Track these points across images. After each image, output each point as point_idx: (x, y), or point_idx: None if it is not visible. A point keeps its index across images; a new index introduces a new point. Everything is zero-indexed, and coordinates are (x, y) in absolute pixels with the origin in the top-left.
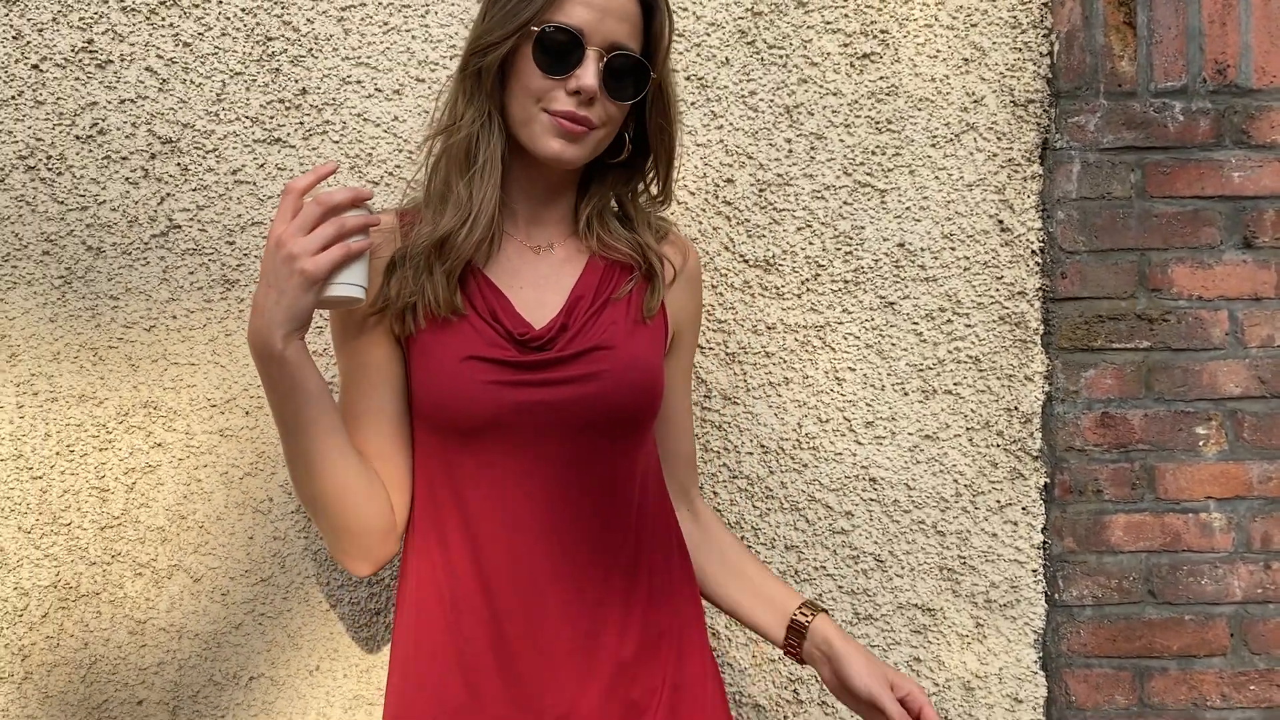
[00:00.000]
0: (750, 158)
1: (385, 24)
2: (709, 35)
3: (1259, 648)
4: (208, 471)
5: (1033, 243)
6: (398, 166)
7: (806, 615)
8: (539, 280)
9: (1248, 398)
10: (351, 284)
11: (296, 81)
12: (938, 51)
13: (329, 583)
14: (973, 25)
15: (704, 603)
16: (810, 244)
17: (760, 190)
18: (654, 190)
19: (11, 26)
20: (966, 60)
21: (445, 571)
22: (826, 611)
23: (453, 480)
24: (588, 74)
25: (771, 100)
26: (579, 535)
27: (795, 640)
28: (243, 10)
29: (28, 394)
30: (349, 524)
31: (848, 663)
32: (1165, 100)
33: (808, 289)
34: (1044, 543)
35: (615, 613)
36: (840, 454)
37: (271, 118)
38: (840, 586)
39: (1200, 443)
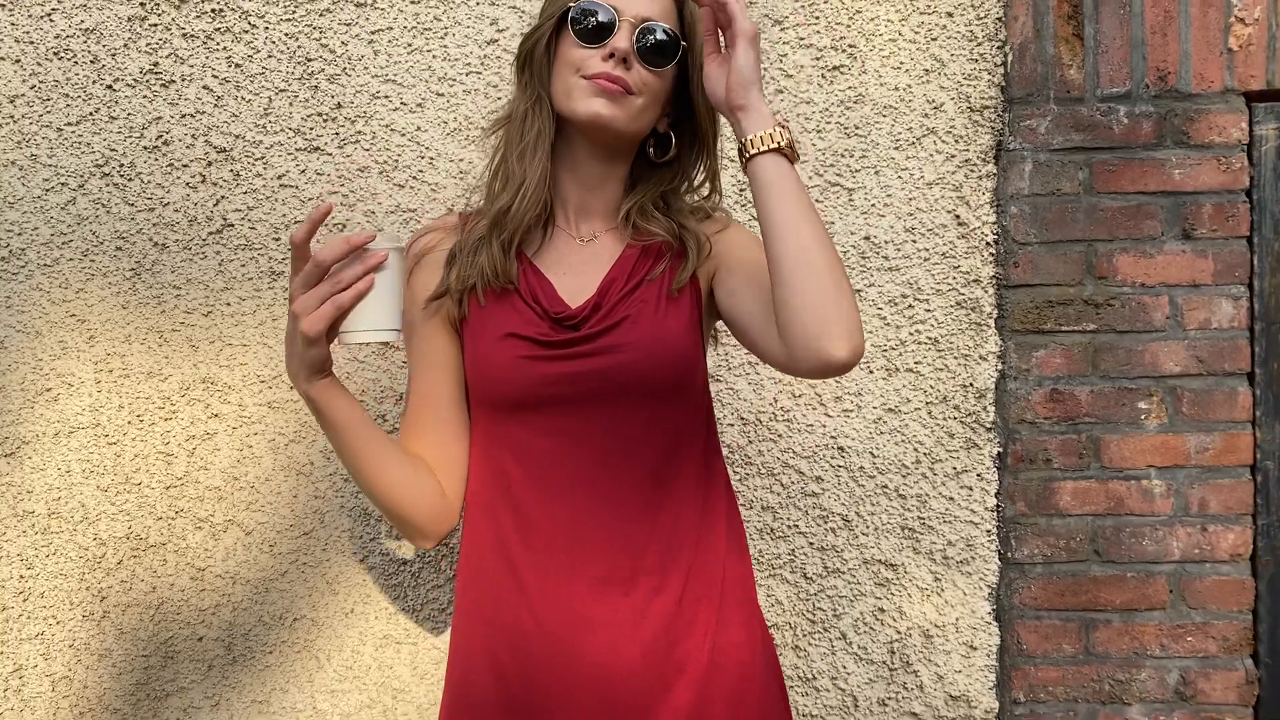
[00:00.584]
0: (732, 160)
1: (409, 45)
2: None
3: (1195, 603)
4: (258, 439)
5: (987, 235)
6: (420, 171)
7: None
8: (581, 267)
9: (1186, 375)
10: (370, 329)
11: (332, 97)
12: (901, 63)
13: (362, 536)
14: (933, 39)
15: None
16: None
17: (741, 190)
18: (704, 190)
19: (89, 52)
20: (927, 71)
21: (493, 539)
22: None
23: (501, 452)
24: (621, 39)
25: None
26: (616, 503)
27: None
28: (286, 35)
29: (104, 371)
30: (401, 514)
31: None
32: (1111, 104)
33: None
34: (997, 506)
35: (653, 579)
36: (811, 425)
37: (311, 129)
38: (811, 543)
39: (1142, 416)
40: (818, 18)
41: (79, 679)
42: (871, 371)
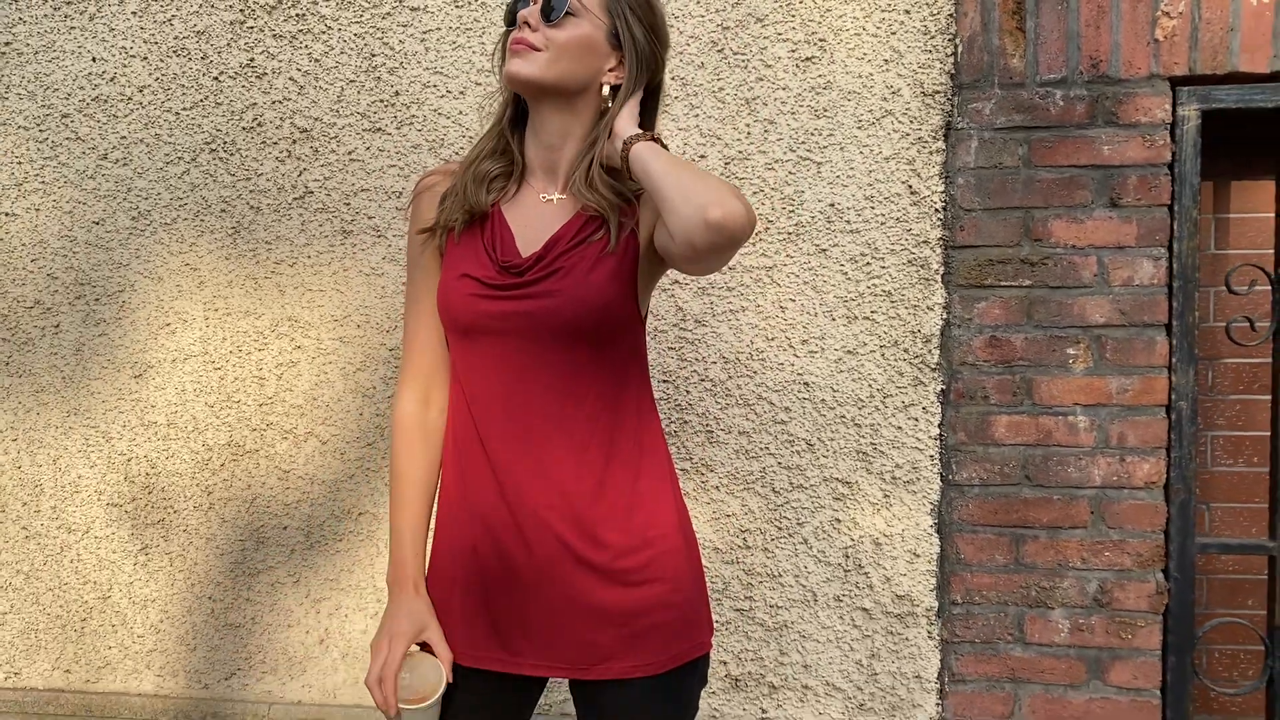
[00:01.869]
0: (719, 138)
1: (454, 43)
2: (689, 45)
3: (1113, 523)
4: (331, 367)
5: (936, 203)
6: (462, 148)
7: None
8: (539, 223)
9: (1110, 326)
10: None
11: (391, 86)
12: (864, 54)
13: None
14: (892, 33)
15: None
16: (762, 204)
17: (726, 163)
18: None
19: (200, 50)
20: (887, 61)
21: (459, 430)
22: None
23: (461, 367)
24: (526, 10)
25: (735, 94)
26: (545, 413)
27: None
28: (355, 35)
29: (211, 310)
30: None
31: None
32: (1048, 89)
33: (760, 239)
34: (940, 435)
35: (573, 472)
36: (782, 364)
37: (375, 113)
38: (780, 463)
39: (1070, 361)
40: (793, 15)
41: (190, 557)
42: (834, 319)
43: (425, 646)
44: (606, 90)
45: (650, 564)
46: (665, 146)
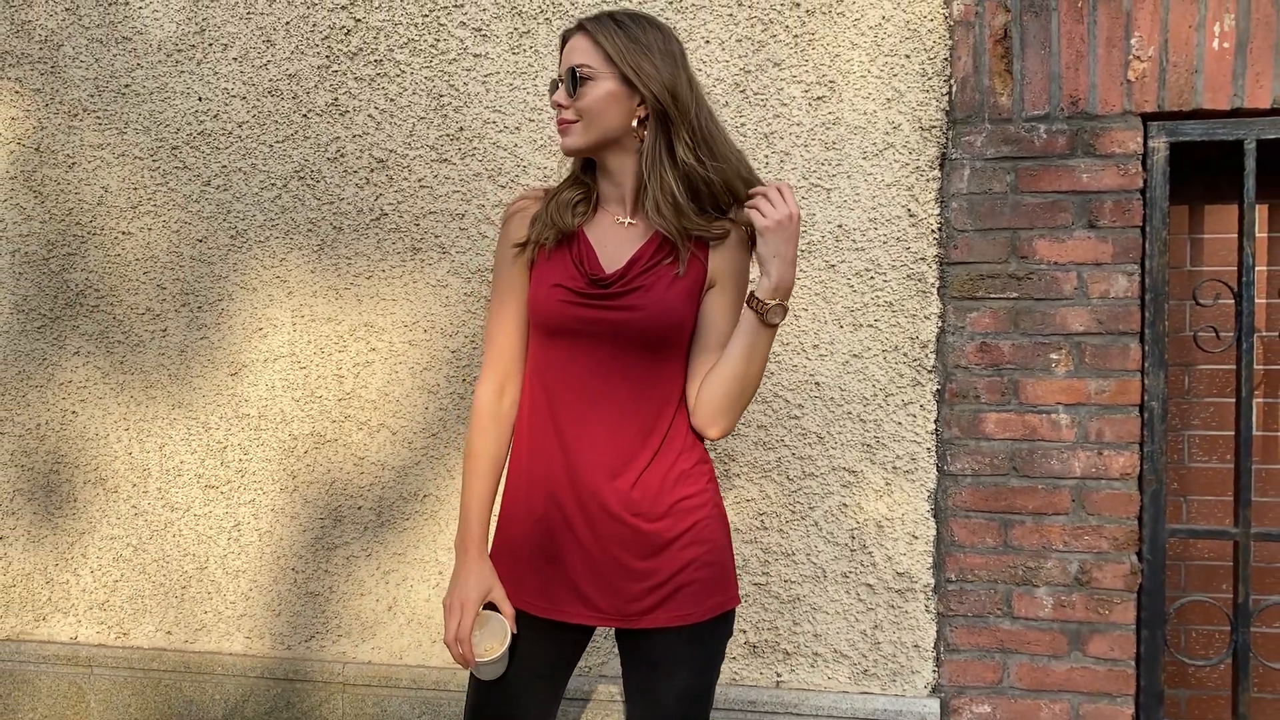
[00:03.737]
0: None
1: (511, 85)
2: (714, 87)
3: (1092, 510)
4: (402, 366)
5: (932, 224)
6: (517, 176)
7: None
8: (618, 243)
9: (1089, 334)
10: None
11: (456, 123)
12: (869, 94)
13: None
14: (894, 75)
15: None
16: None
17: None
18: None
19: (291, 91)
20: (889, 99)
21: (535, 415)
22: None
23: (543, 361)
24: (558, 93)
25: (755, 129)
26: (613, 403)
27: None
28: (425, 78)
29: (298, 317)
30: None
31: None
32: (1033, 124)
33: None
34: (936, 430)
35: (631, 453)
36: (796, 366)
37: (442, 145)
38: (793, 454)
39: (1053, 365)
40: (807, 60)
41: (277, 533)
42: (842, 326)
43: (492, 606)
44: (635, 123)
45: (690, 530)
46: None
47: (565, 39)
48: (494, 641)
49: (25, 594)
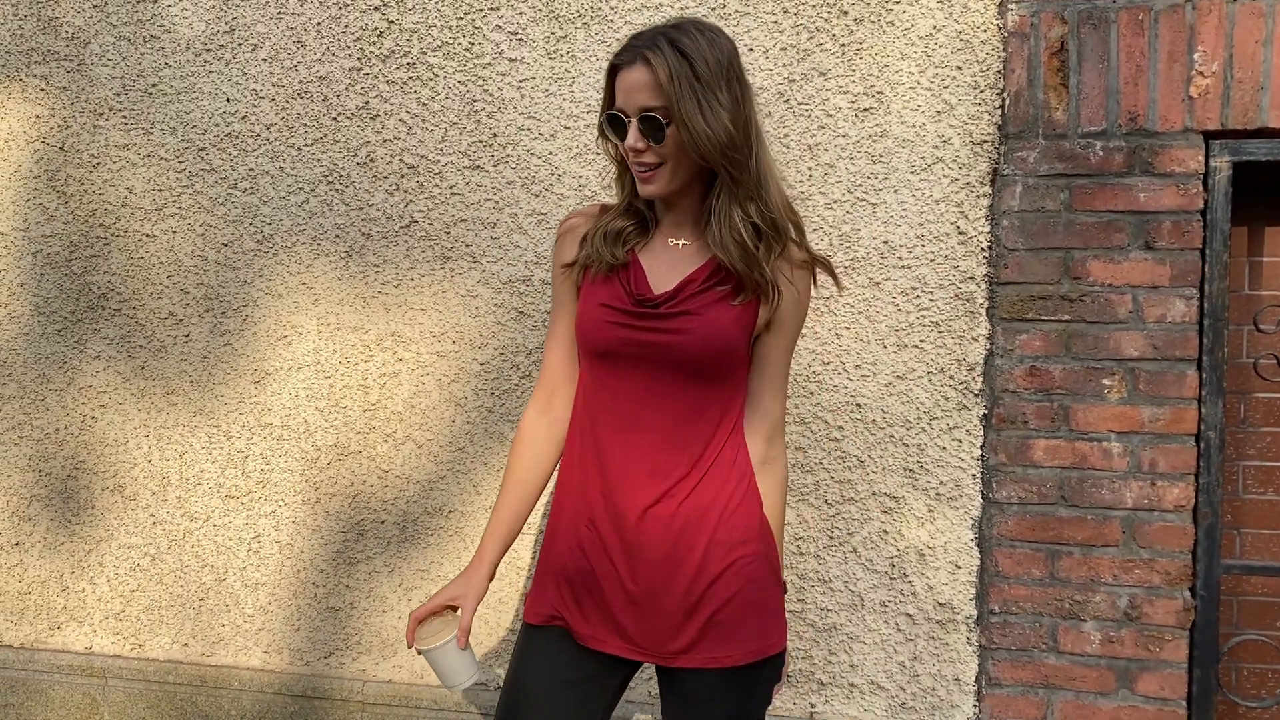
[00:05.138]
0: (782, 180)
1: (546, 90)
2: (757, 96)
3: (1144, 543)
4: (429, 378)
5: (982, 242)
6: (550, 185)
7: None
8: (671, 264)
9: (1144, 359)
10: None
11: (490, 129)
12: (918, 106)
13: (499, 452)
14: (944, 87)
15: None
16: (821, 241)
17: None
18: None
19: (321, 93)
20: (939, 112)
21: (580, 438)
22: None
23: (588, 384)
24: (631, 135)
25: (799, 141)
26: (657, 430)
27: None
28: (459, 82)
29: (323, 325)
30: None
31: None
32: (1089, 140)
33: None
34: (982, 456)
35: (673, 483)
36: (837, 386)
37: (475, 152)
38: (832, 477)
39: (1106, 390)
40: (854, 70)
41: (298, 546)
42: (885, 346)
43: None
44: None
45: (731, 567)
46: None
47: (618, 67)
48: (431, 639)
49: (40, 602)
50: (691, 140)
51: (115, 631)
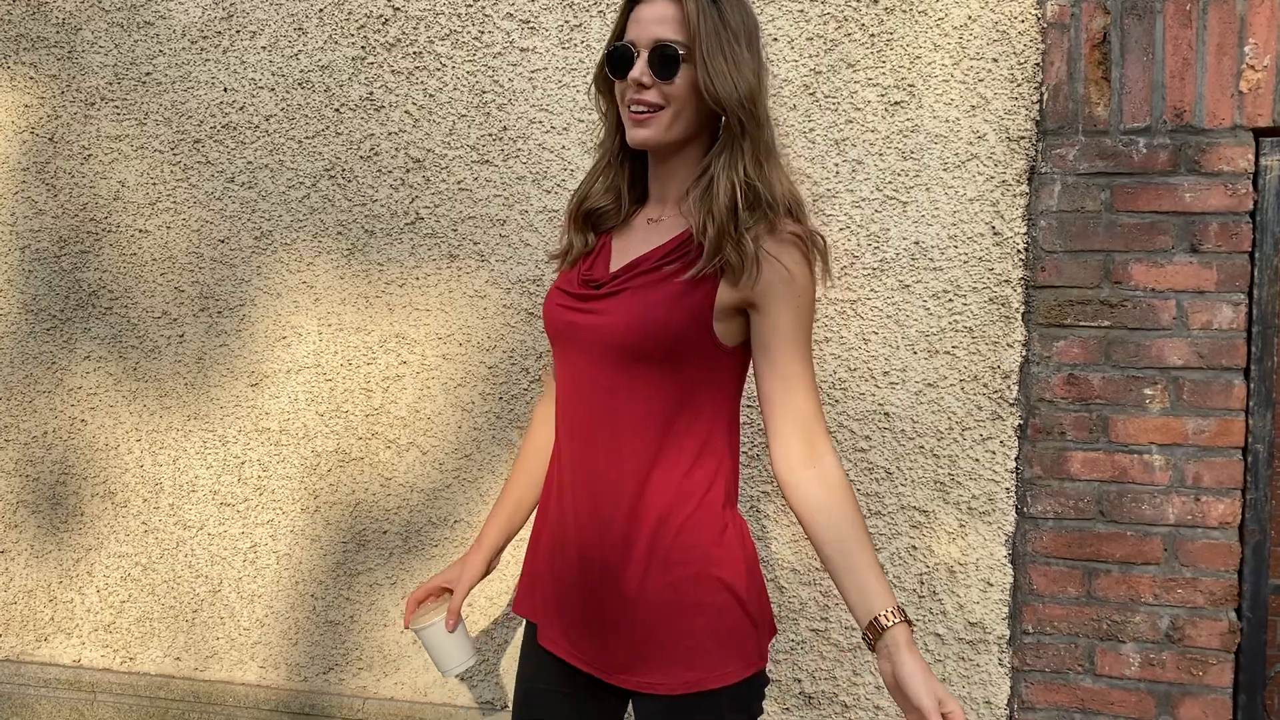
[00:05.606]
0: (808, 176)
1: (560, 82)
2: (782, 88)
3: (1186, 561)
4: (434, 381)
5: (1019, 244)
6: (563, 181)
7: (889, 620)
8: (640, 243)
9: (1188, 368)
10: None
11: (499, 122)
12: (952, 100)
13: (507, 460)
14: (979, 80)
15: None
16: (848, 240)
17: (814, 201)
18: (748, 166)
19: (323, 83)
20: (974, 106)
21: (555, 429)
22: (909, 622)
23: (555, 374)
24: (637, 68)
25: (825, 135)
26: (598, 427)
27: (872, 635)
28: (467, 73)
29: (324, 325)
30: None
31: (909, 673)
32: (1132, 137)
33: (845, 274)
34: (1016, 469)
35: (619, 487)
36: (864, 394)
37: (484, 146)
38: (859, 489)
39: (1147, 400)
40: (884, 62)
41: (296, 556)
42: (915, 352)
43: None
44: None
45: (669, 589)
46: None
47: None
48: (423, 619)
49: (27, 612)
50: (710, 81)
51: (105, 644)
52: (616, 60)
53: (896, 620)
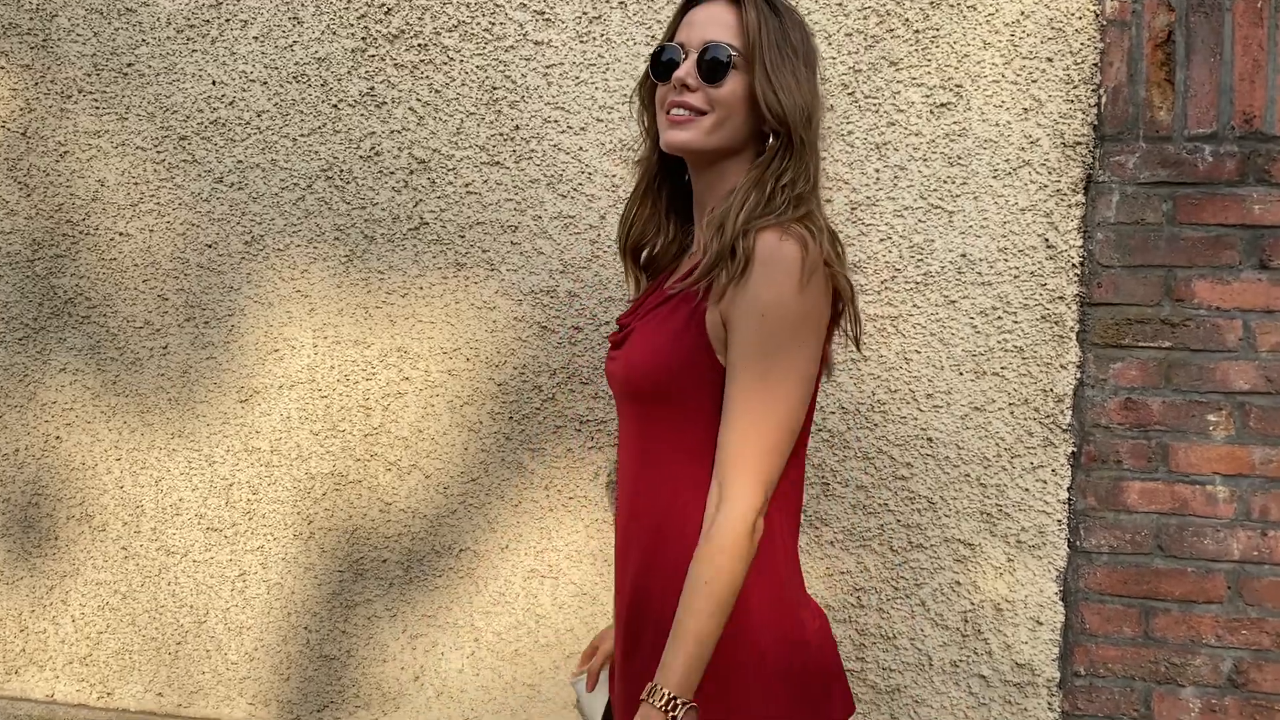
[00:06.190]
0: (845, 183)
1: (577, 78)
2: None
3: (1252, 600)
4: (439, 399)
5: (1074, 258)
6: (580, 184)
7: (659, 698)
8: (674, 278)
9: (1256, 393)
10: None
11: (512, 120)
12: (1002, 102)
13: (518, 485)
14: (1033, 81)
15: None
16: (890, 252)
17: (852, 209)
18: (790, 178)
19: (320, 77)
20: (1026, 109)
21: None
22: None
23: None
24: (684, 67)
25: (865, 139)
26: (633, 474)
27: (644, 695)
28: (477, 68)
29: (320, 338)
30: None
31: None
32: (1197, 144)
33: (886, 288)
34: (1069, 499)
35: (644, 540)
36: (905, 418)
37: (494, 146)
38: (899, 520)
39: (1210, 428)
40: (929, 60)
41: (288, 586)
42: (961, 373)
43: None
44: (771, 139)
45: (654, 635)
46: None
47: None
48: (581, 676)
49: None
50: (771, 91)
51: (80, 678)
52: (662, 62)
53: (664, 705)
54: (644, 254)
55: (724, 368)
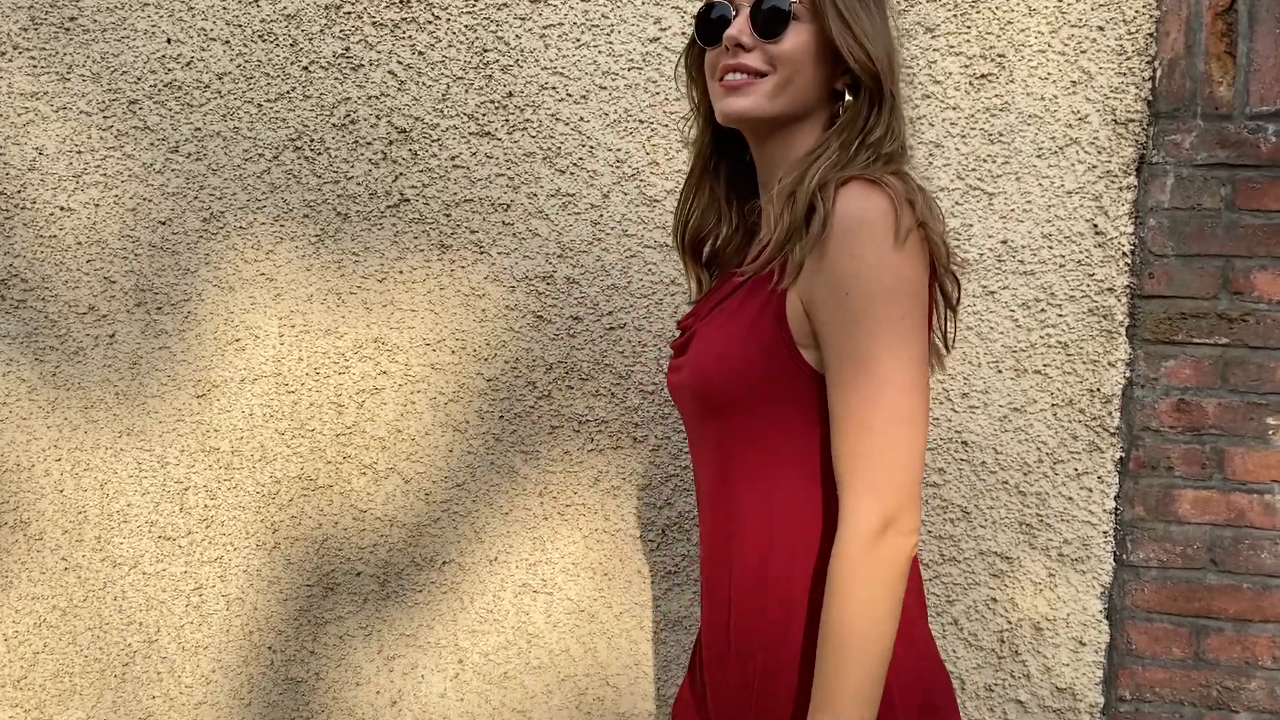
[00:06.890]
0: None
1: (578, 40)
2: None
3: None
4: (420, 396)
5: (1124, 246)
6: (581, 159)
7: None
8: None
9: None
10: None
11: (504, 86)
12: (1049, 74)
13: (508, 490)
14: (1082, 52)
15: None
16: None
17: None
18: (879, 134)
19: (289, 36)
20: (1074, 82)
21: None
22: None
23: None
24: (735, 25)
25: None
26: (707, 488)
27: None
28: (466, 27)
29: (287, 326)
30: None
31: None
32: (1259, 123)
33: None
34: (1116, 509)
35: (720, 555)
36: (938, 419)
37: (484, 115)
38: (930, 531)
39: (1270, 432)
40: (969, 27)
41: (250, 601)
42: (1000, 371)
43: None
44: (848, 97)
45: (745, 684)
46: None
47: None
48: None
49: None
50: (853, 40)
51: (14, 703)
52: (710, 20)
53: None
54: (705, 249)
55: (811, 371)
